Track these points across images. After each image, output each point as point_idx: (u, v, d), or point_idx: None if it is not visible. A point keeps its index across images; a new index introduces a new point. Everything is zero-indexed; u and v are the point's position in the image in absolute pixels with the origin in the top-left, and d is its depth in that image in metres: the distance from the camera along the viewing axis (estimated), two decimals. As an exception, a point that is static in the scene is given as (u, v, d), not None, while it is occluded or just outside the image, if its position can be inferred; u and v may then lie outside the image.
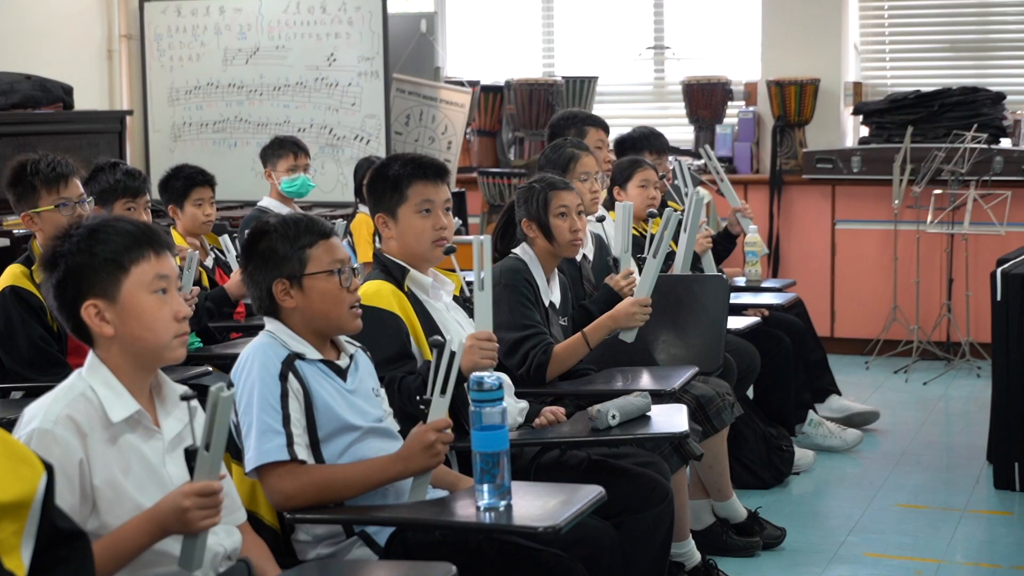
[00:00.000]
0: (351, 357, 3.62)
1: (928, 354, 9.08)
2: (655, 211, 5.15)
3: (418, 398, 3.49)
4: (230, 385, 2.81)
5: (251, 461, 3.38)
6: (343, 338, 3.64)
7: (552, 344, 4.73)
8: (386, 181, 4.22)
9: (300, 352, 3.50)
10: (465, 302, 4.41)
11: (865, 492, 6.36)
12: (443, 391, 3.41)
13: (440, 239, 4.19)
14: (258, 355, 3.47)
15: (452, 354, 3.39)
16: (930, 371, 8.83)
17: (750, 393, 6.59)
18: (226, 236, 6.21)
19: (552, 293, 4.95)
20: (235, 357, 5.32)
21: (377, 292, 4.06)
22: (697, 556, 5.04)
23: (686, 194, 6.32)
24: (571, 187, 5.03)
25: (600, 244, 5.82)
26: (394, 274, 4.17)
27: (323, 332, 3.57)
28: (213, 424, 2.80)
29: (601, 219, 6.05)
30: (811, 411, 7.07)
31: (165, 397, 3.09)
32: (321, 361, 3.53)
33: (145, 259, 3.01)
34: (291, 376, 3.44)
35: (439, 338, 3.41)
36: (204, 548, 2.88)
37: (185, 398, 2.99)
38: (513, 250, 4.93)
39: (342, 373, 3.56)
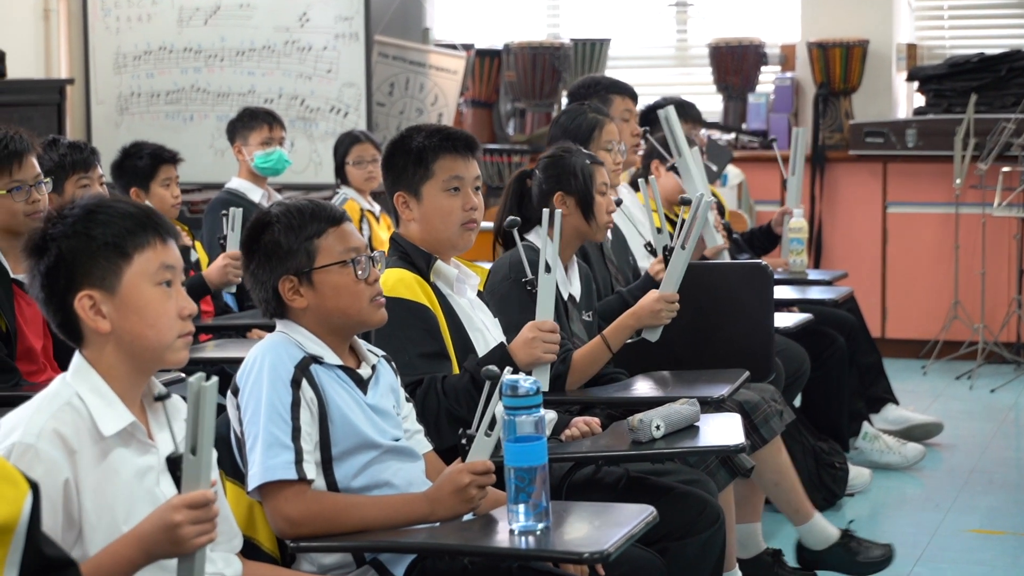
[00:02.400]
0: (373, 368, 3.61)
1: (995, 357, 9.11)
2: (687, 196, 5.15)
3: (460, 431, 3.46)
4: (208, 377, 2.78)
5: (255, 478, 3.37)
6: (366, 346, 3.64)
7: (571, 351, 4.71)
8: (408, 155, 4.22)
9: (318, 355, 3.49)
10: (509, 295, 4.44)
11: (931, 516, 6.38)
12: (490, 429, 3.35)
13: (470, 221, 4.20)
14: (268, 356, 3.46)
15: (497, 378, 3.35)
16: (997, 376, 8.86)
17: (797, 402, 6.59)
18: (233, 210, 6.15)
19: (571, 284, 4.95)
20: (207, 363, 5.43)
21: (400, 281, 4.06)
22: (747, 588, 5.06)
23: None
24: (603, 165, 5.06)
25: (616, 231, 5.86)
26: (417, 263, 4.17)
27: (343, 331, 3.56)
28: (198, 422, 2.75)
29: (619, 203, 6.05)
30: (866, 423, 7.08)
31: (158, 407, 3.07)
32: (340, 367, 3.53)
33: (150, 246, 2.99)
34: (305, 383, 3.43)
35: (494, 369, 3.37)
36: (203, 571, 2.84)
37: (160, 398, 2.98)
38: (526, 236, 4.91)
39: (363, 384, 3.56)
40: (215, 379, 2.77)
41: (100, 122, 10.14)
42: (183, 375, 4.96)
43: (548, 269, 4.02)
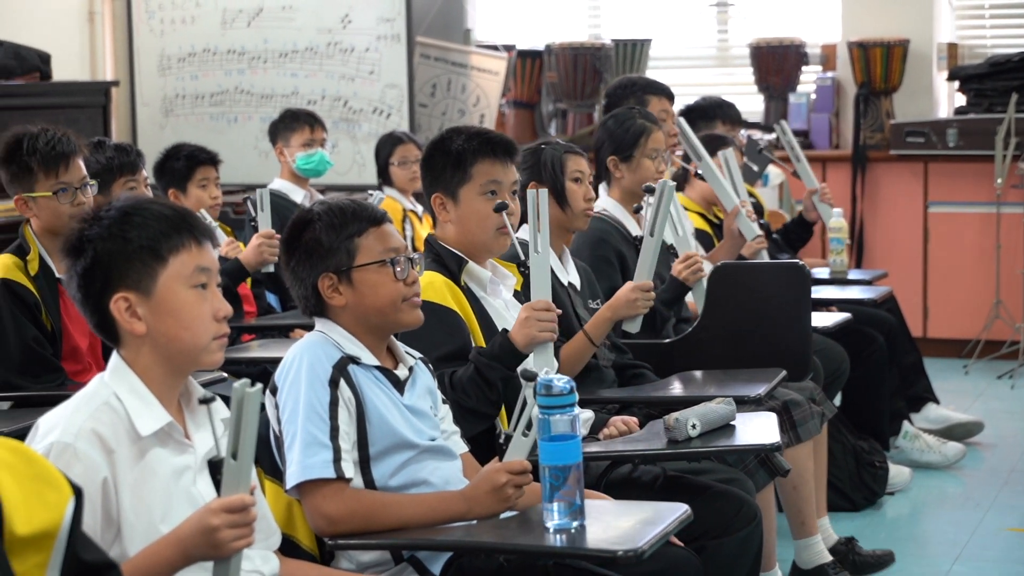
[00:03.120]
0: (411, 370, 3.63)
1: (1037, 356, 9.06)
2: (651, 184, 5.13)
3: (498, 432, 3.48)
4: (253, 383, 2.79)
5: (293, 476, 3.40)
6: (404, 348, 3.66)
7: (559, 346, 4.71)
8: (448, 156, 4.24)
9: (355, 355, 3.52)
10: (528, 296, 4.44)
11: (971, 515, 6.36)
12: (528, 429, 3.35)
13: (504, 227, 4.21)
14: (307, 356, 3.48)
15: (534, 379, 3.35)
16: (1040, 376, 8.83)
17: (837, 401, 6.57)
18: (260, 191, 6.18)
19: (568, 273, 4.94)
20: (250, 362, 5.46)
21: (430, 284, 4.07)
22: (786, 589, 5.06)
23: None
24: (583, 153, 5.05)
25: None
26: (448, 265, 4.19)
27: (380, 330, 3.58)
28: (240, 427, 2.77)
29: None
30: (906, 422, 7.07)
31: (196, 407, 3.09)
32: (378, 368, 3.55)
33: (185, 248, 3.01)
34: (342, 382, 3.45)
35: (532, 369, 3.38)
36: (239, 574, 2.86)
37: (204, 401, 3.01)
38: (515, 235, 4.88)
39: (399, 385, 3.58)
40: (259, 386, 2.79)
41: (145, 124, 10.19)
42: (224, 375, 5.02)
43: (537, 249, 4.01)
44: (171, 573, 2.84)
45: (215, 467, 2.85)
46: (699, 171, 6.30)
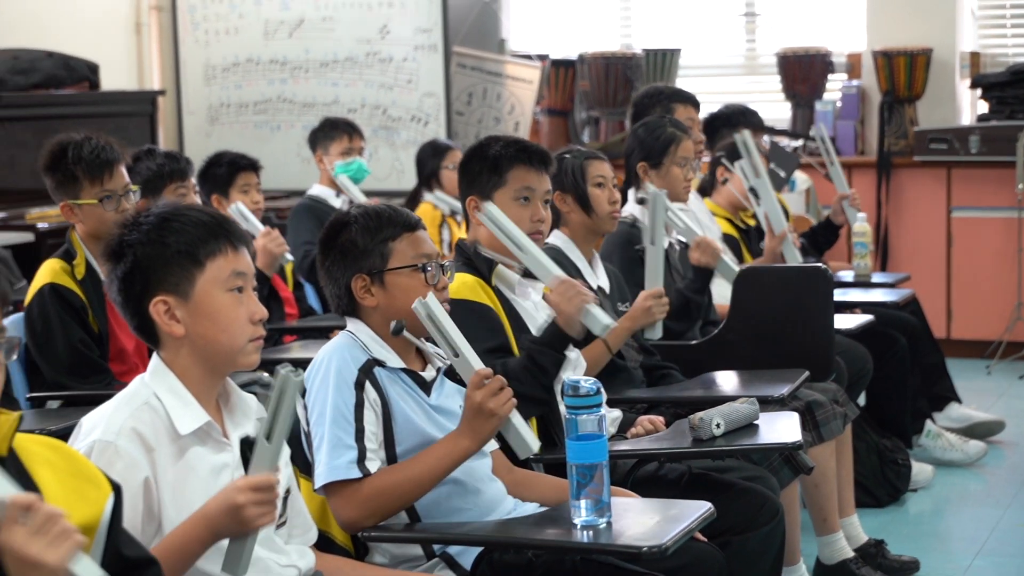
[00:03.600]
0: (438, 370, 3.65)
1: (1059, 357, 9.04)
2: (643, 196, 5.14)
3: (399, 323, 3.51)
4: (297, 371, 2.81)
5: (320, 477, 3.41)
6: (433, 349, 3.65)
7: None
8: (484, 161, 4.26)
9: (381, 359, 3.53)
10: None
11: (991, 511, 6.34)
12: (456, 353, 3.43)
13: (537, 232, 4.23)
14: (335, 359, 3.50)
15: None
16: (1061, 376, 8.79)
17: (861, 400, 6.55)
18: (236, 205, 6.22)
19: (598, 278, 4.96)
20: (293, 363, 5.47)
21: (464, 284, 4.09)
22: (809, 583, 5.06)
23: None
24: (604, 158, 5.05)
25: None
26: (479, 268, 4.20)
27: (410, 332, 3.60)
28: (278, 411, 2.80)
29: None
30: (929, 421, 7.05)
31: (233, 406, 3.10)
32: (404, 370, 3.56)
33: (222, 253, 3.03)
34: (368, 385, 3.47)
35: (401, 322, 3.44)
36: (251, 551, 2.86)
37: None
38: (546, 240, 4.89)
39: (426, 387, 3.59)
40: (303, 374, 2.81)
41: (191, 132, 10.23)
42: (265, 375, 5.04)
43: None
44: (201, 549, 2.86)
45: (247, 446, 2.87)
46: (752, 186, 6.30)
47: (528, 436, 3.06)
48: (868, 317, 6.20)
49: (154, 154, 5.84)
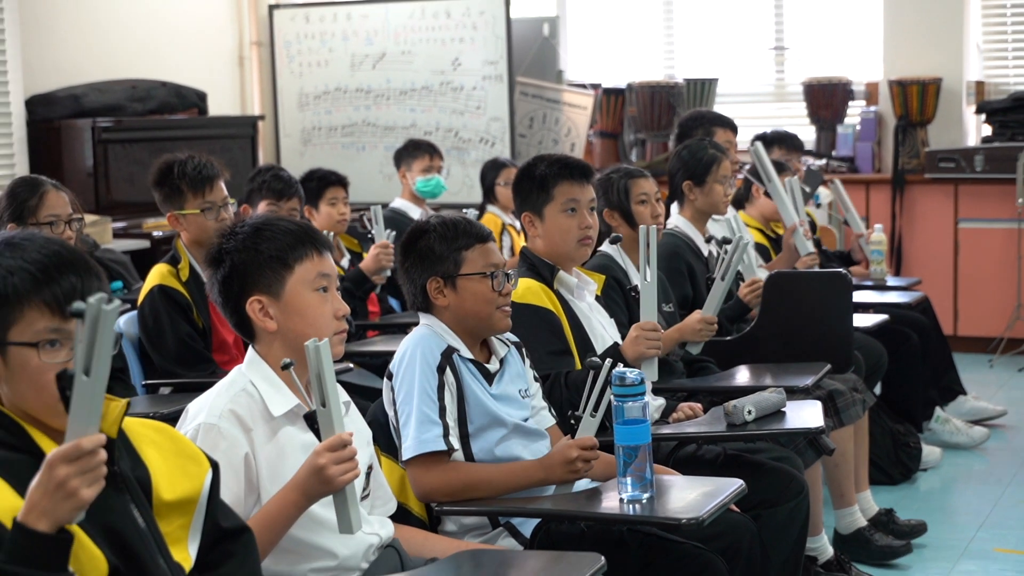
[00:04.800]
0: (501, 362, 3.64)
1: (1054, 352, 8.95)
2: (729, 238, 5.12)
3: (569, 412, 3.50)
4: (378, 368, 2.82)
5: (409, 450, 3.42)
6: (497, 341, 3.67)
7: None
8: (533, 181, 4.26)
9: (455, 347, 3.54)
10: (613, 299, 4.43)
11: (993, 488, 6.29)
12: (595, 410, 3.40)
13: (585, 238, 4.23)
14: (419, 346, 3.51)
15: (608, 366, 3.37)
16: (1056, 369, 8.71)
17: (877, 389, 6.50)
18: (375, 208, 6.23)
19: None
20: (374, 355, 5.48)
21: (528, 289, 4.09)
22: (830, 550, 5.02)
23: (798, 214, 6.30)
24: (648, 175, 5.02)
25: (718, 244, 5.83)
26: (542, 272, 4.20)
27: (474, 332, 3.60)
28: (322, 379, 2.80)
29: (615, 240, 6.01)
30: (938, 408, 7.01)
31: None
32: (471, 361, 3.56)
33: (308, 258, 3.05)
34: (448, 369, 3.48)
35: (597, 360, 3.40)
36: (357, 507, 2.87)
37: (285, 366, 2.95)
38: (599, 248, 4.86)
39: (489, 377, 3.59)
40: (326, 340, 2.80)
41: (287, 152, 10.26)
42: (350, 365, 5.05)
43: (647, 278, 4.04)
44: (296, 513, 2.86)
45: (311, 418, 2.86)
46: (767, 190, 6.27)
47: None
48: (883, 316, 6.18)
49: (268, 171, 5.94)
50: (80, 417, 2.16)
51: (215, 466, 2.59)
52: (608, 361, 3.38)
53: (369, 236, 6.19)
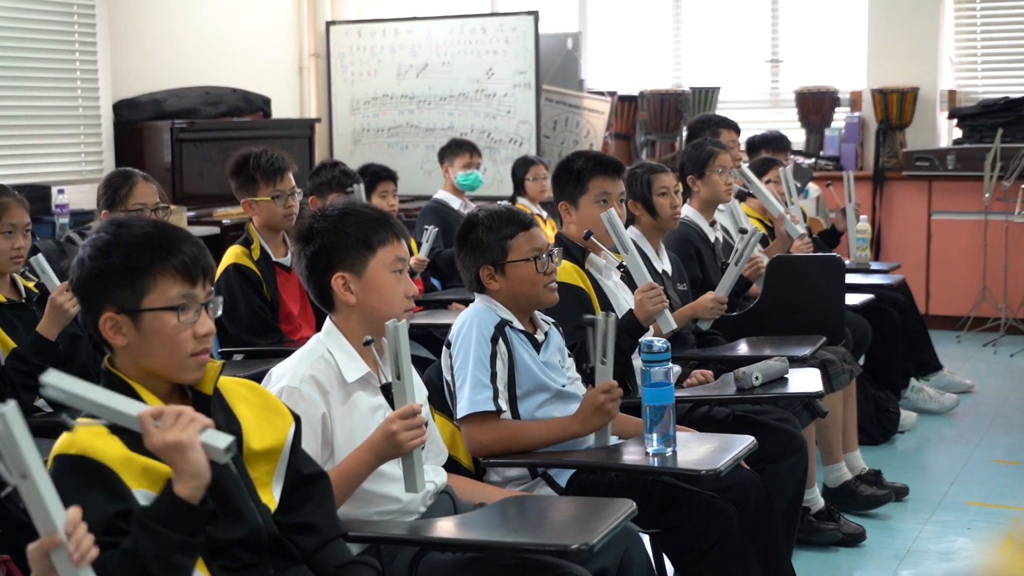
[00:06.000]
0: (546, 334, 3.64)
1: (1014, 330, 8.91)
2: (745, 228, 5.11)
3: (583, 365, 3.50)
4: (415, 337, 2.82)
5: (462, 409, 3.43)
6: (540, 317, 3.67)
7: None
8: (570, 174, 4.26)
9: (508, 320, 3.54)
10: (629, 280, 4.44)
11: (963, 449, 6.28)
12: (603, 360, 3.39)
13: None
14: (476, 319, 3.51)
15: (607, 327, 3.36)
16: (1016, 344, 8.67)
17: (862, 361, 6.49)
18: (434, 230, 6.26)
19: (662, 262, 4.94)
20: (419, 327, 5.49)
21: (563, 270, 4.08)
22: (821, 502, 5.02)
23: (791, 202, 6.28)
24: (668, 170, 5.01)
25: (725, 232, 5.82)
26: (575, 255, 4.21)
27: (525, 307, 3.60)
28: (398, 354, 2.80)
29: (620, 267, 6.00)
30: (913, 379, 6.99)
31: (387, 359, 3.11)
32: (522, 332, 3.56)
33: (389, 242, 3.05)
34: (500, 340, 3.48)
35: (591, 316, 3.40)
36: (422, 469, 2.88)
37: (367, 343, 2.99)
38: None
39: (537, 346, 3.59)
40: (404, 322, 2.82)
41: (340, 151, 10.24)
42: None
43: (626, 250, 4.06)
44: (368, 472, 2.88)
45: (386, 389, 2.88)
46: (750, 190, 6.24)
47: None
48: (869, 296, 6.17)
49: (335, 167, 5.95)
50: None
51: (297, 420, 2.60)
52: (605, 314, 3.36)
53: (421, 242, 6.24)
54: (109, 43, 8.40)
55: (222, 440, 2.22)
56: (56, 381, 2.20)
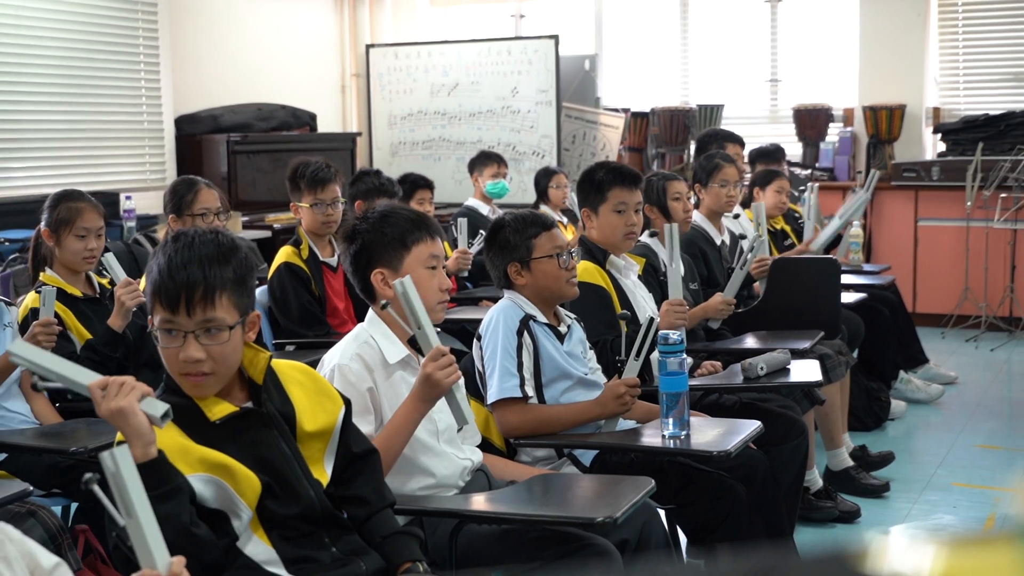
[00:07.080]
0: (568, 327, 3.64)
1: (994, 326, 8.87)
2: (745, 234, 5.10)
3: (616, 358, 3.49)
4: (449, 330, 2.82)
5: (492, 396, 3.43)
6: (563, 311, 3.66)
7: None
8: (592, 184, 4.24)
9: (533, 315, 3.54)
10: (649, 280, 4.41)
11: (948, 435, 6.24)
12: (637, 355, 3.40)
13: (630, 233, 4.21)
14: (503, 314, 3.51)
15: (650, 324, 3.36)
16: (995, 340, 8.62)
17: (855, 354, 6.48)
18: (461, 220, 6.22)
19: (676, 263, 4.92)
20: (452, 322, 5.48)
21: (585, 270, 4.08)
22: (820, 482, 4.99)
23: (821, 224, 6.28)
24: (681, 178, 5.00)
25: (732, 236, 5.79)
26: (596, 256, 4.19)
27: (549, 301, 3.60)
28: (413, 308, 2.80)
29: (736, 216, 6.00)
30: (902, 371, 6.96)
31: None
32: (547, 325, 3.56)
33: (423, 241, 3.06)
34: (525, 333, 3.48)
35: (627, 312, 3.40)
36: (466, 402, 2.88)
37: (383, 306, 2.98)
38: (640, 239, 4.85)
39: (561, 337, 3.59)
40: (408, 278, 2.82)
41: (379, 162, 10.25)
42: (438, 330, 5.01)
43: (673, 264, 4.03)
44: (418, 418, 2.86)
45: (413, 342, 2.90)
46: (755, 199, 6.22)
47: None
48: (862, 295, 6.15)
49: (379, 175, 5.93)
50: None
51: (347, 403, 2.61)
52: (650, 318, 3.37)
53: (453, 239, 6.20)
54: (171, 64, 8.43)
55: (159, 408, 2.21)
56: (22, 351, 2.24)
